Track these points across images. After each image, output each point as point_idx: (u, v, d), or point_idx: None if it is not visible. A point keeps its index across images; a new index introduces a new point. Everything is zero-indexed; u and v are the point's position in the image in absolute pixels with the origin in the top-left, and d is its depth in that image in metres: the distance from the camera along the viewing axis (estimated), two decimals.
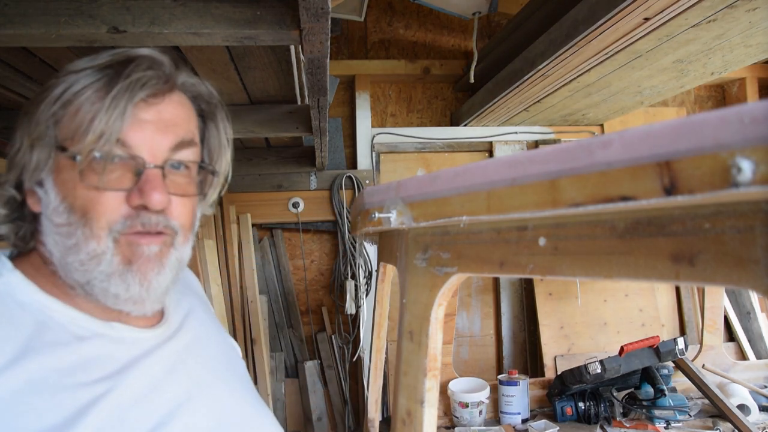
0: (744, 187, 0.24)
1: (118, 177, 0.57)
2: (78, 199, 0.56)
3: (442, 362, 0.60)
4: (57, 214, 0.57)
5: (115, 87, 0.55)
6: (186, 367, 0.66)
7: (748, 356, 2.21)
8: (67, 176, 0.56)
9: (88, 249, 0.56)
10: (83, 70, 0.57)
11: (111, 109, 0.54)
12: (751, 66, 2.37)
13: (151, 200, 0.56)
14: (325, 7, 0.72)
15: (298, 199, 2.25)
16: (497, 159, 0.44)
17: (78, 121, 0.55)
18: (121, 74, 0.56)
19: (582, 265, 0.39)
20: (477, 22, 1.96)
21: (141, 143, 0.57)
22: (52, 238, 0.58)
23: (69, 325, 0.58)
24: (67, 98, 0.56)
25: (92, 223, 0.56)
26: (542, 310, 2.14)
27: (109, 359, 0.58)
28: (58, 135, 0.56)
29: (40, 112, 0.56)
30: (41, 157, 0.57)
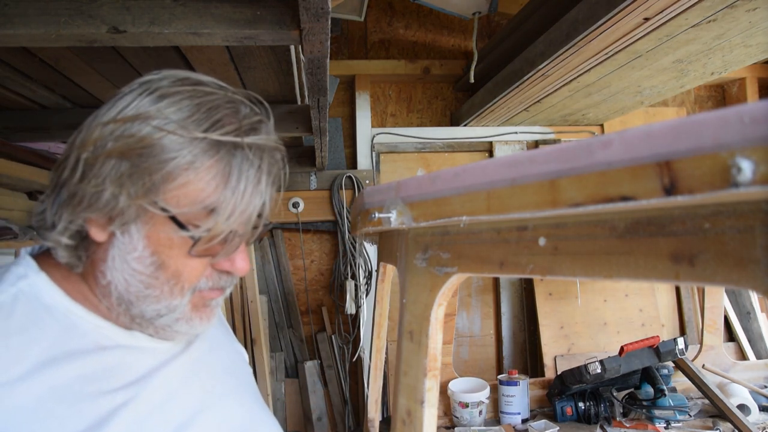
0: (744, 187, 0.24)
1: (213, 252, 0.59)
2: (172, 260, 0.57)
3: (442, 362, 0.60)
4: (140, 263, 0.57)
5: (244, 180, 0.55)
6: (199, 378, 0.67)
7: (748, 356, 2.21)
8: (163, 236, 0.56)
9: (169, 303, 0.59)
10: (194, 140, 0.54)
11: (242, 203, 0.56)
12: (751, 66, 2.37)
13: (240, 270, 0.62)
14: (325, 7, 0.72)
15: (298, 199, 2.25)
16: (497, 159, 0.44)
17: (197, 197, 0.55)
18: (251, 163, 0.56)
19: (582, 265, 0.39)
20: (477, 22, 1.96)
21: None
22: (123, 278, 0.57)
23: (92, 332, 0.59)
24: (181, 167, 0.54)
25: (181, 284, 0.59)
26: (542, 310, 2.14)
27: (129, 368, 0.59)
28: (161, 197, 0.54)
29: (141, 168, 0.53)
30: (133, 210, 0.55)
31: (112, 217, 0.55)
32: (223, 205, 0.55)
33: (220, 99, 0.57)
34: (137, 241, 0.56)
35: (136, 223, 0.56)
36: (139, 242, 0.56)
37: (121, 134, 0.54)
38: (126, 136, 0.53)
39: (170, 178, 0.54)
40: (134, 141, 0.53)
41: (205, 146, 0.54)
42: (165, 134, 0.53)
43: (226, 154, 0.55)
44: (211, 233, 0.56)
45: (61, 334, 0.56)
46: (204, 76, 0.60)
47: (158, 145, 0.53)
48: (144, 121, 0.54)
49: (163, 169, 0.53)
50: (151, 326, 0.61)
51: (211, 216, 0.55)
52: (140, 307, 0.59)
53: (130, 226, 0.56)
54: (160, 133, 0.53)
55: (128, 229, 0.56)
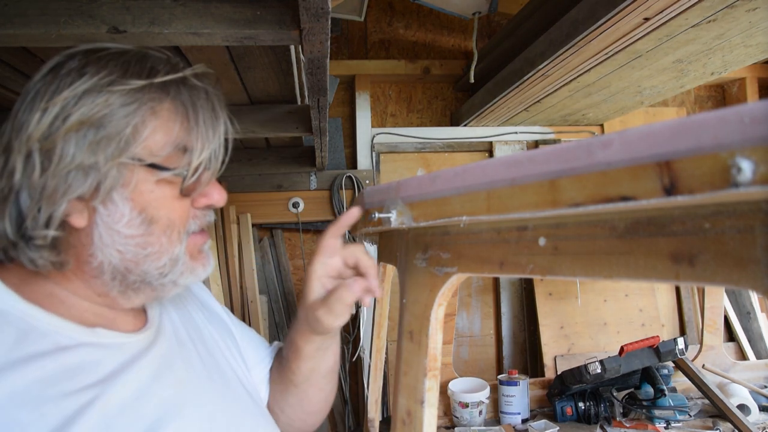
0: (744, 187, 0.24)
1: (197, 183, 0.61)
2: (162, 210, 0.59)
3: (442, 362, 0.60)
4: (131, 226, 0.57)
5: (201, 111, 0.59)
6: (173, 372, 0.65)
7: (748, 356, 2.21)
8: (146, 191, 0.57)
9: (170, 254, 0.60)
10: (141, 89, 0.56)
11: (208, 132, 0.60)
12: (751, 66, 2.37)
13: (220, 200, 0.64)
14: (325, 7, 0.72)
15: (298, 199, 2.25)
16: (497, 159, 0.44)
17: (167, 139, 0.57)
18: (198, 94, 0.60)
19: (582, 265, 0.39)
20: (477, 22, 1.96)
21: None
22: (116, 250, 0.57)
23: (52, 333, 0.56)
24: (144, 116, 0.56)
25: (176, 230, 0.60)
26: (542, 310, 2.14)
27: (93, 366, 0.57)
28: (138, 153, 0.56)
29: (107, 131, 0.54)
30: (113, 174, 0.55)
31: (96, 190, 0.55)
32: (193, 138, 0.58)
33: (136, 53, 0.60)
34: (123, 207, 0.57)
35: (117, 189, 0.56)
36: (125, 207, 0.57)
37: (71, 110, 0.54)
38: (78, 109, 0.54)
39: (138, 129, 0.56)
40: (89, 109, 0.54)
41: (155, 92, 0.57)
42: (116, 92, 0.55)
43: (176, 93, 0.58)
44: (192, 167, 0.58)
45: (18, 338, 0.54)
46: (103, 43, 0.61)
47: (115, 103, 0.55)
48: (89, 90, 0.54)
49: (130, 123, 0.55)
50: (149, 287, 0.61)
51: (186, 153, 0.58)
52: (141, 270, 0.59)
53: (112, 194, 0.56)
54: (109, 93, 0.54)
55: (111, 198, 0.56)
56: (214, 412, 0.67)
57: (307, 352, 0.78)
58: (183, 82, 0.59)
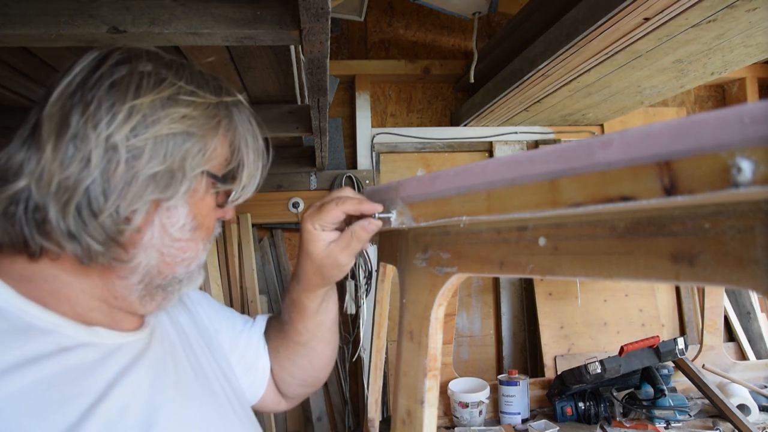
0: (744, 187, 0.24)
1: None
2: (206, 219, 0.64)
3: (442, 362, 0.60)
4: (182, 231, 0.60)
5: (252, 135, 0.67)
6: (168, 375, 0.65)
7: (748, 356, 2.21)
8: (200, 200, 0.62)
9: (199, 260, 0.65)
10: (218, 104, 0.61)
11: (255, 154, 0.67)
12: (751, 66, 2.37)
13: (231, 215, 0.71)
14: (325, 7, 0.72)
15: (298, 199, 2.25)
16: (497, 159, 0.44)
17: (224, 154, 0.63)
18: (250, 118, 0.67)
19: (582, 265, 0.39)
20: (477, 22, 1.96)
21: None
22: (159, 252, 0.60)
23: (52, 332, 0.55)
24: (220, 132, 0.61)
25: (208, 239, 0.66)
26: (542, 310, 2.14)
27: (94, 368, 0.56)
28: (209, 165, 0.61)
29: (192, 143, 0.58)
30: (188, 182, 0.58)
31: (173, 194, 0.57)
32: (243, 156, 0.64)
33: (193, 67, 0.64)
34: (182, 211, 0.60)
35: (184, 194, 0.59)
36: (183, 212, 0.60)
37: (159, 114, 0.55)
38: (166, 115, 0.56)
39: (216, 143, 0.61)
40: (178, 116, 0.56)
41: (225, 110, 0.62)
42: (200, 105, 0.58)
43: (237, 114, 0.64)
44: (243, 183, 0.65)
45: (16, 336, 0.52)
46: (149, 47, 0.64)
47: (200, 115, 0.58)
48: (173, 97, 0.57)
49: (215, 135, 0.60)
50: (162, 293, 0.63)
51: (239, 169, 0.65)
52: (172, 272, 0.62)
53: (179, 199, 0.58)
54: (195, 105, 0.58)
55: (176, 202, 0.59)
56: (210, 419, 0.67)
57: (313, 308, 0.82)
58: (237, 104, 0.65)
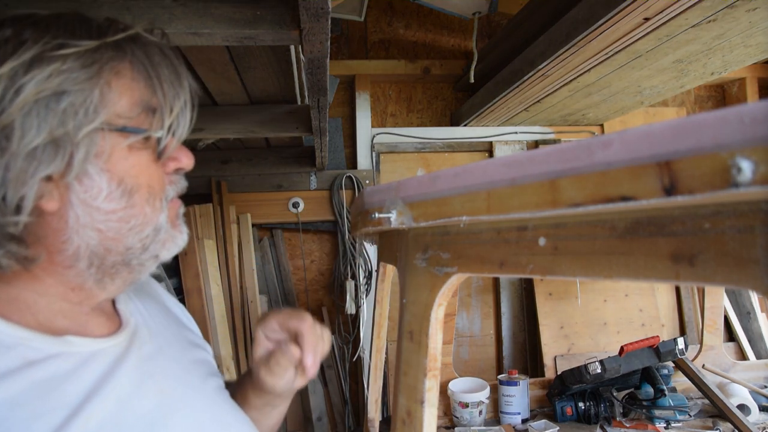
0: (744, 187, 0.24)
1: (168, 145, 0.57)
2: (141, 178, 0.54)
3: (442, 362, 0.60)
4: (111, 200, 0.52)
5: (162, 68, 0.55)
6: (154, 380, 0.60)
7: (748, 356, 2.21)
8: (121, 159, 0.53)
9: (155, 223, 0.57)
10: (98, 48, 0.51)
11: (174, 90, 0.55)
12: (751, 66, 2.37)
13: (189, 163, 0.60)
14: (325, 7, 0.72)
15: (298, 199, 2.25)
16: (497, 159, 0.44)
17: (133, 101, 0.53)
18: (154, 51, 0.55)
19: (582, 265, 0.39)
20: (477, 22, 1.96)
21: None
22: (96, 228, 0.53)
23: (17, 346, 0.50)
24: (108, 78, 0.51)
25: (158, 195, 0.57)
26: (542, 310, 2.14)
27: (66, 380, 0.51)
28: (107, 118, 0.51)
29: (70, 99, 0.49)
30: (85, 143, 0.50)
31: (68, 165, 0.50)
32: (159, 97, 0.54)
33: (75, 15, 0.54)
34: (100, 180, 0.52)
35: (91, 160, 0.51)
36: (102, 180, 0.52)
37: (22, 80, 0.47)
38: (31, 78, 0.47)
39: (104, 92, 0.51)
40: (45, 77, 0.48)
41: (111, 51, 0.52)
42: (70, 56, 0.49)
43: (132, 52, 0.53)
44: (165, 128, 0.54)
45: None
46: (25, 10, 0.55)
47: (73, 67, 0.49)
48: (37, 57, 0.48)
49: (96, 86, 0.50)
50: (127, 268, 0.57)
51: (156, 113, 0.54)
52: (124, 245, 0.55)
53: (87, 167, 0.51)
54: (63, 57, 0.49)
55: (85, 172, 0.51)
56: (202, 420, 0.64)
57: (254, 404, 0.76)
58: (135, 40, 0.54)
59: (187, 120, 0.58)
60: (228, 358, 1.99)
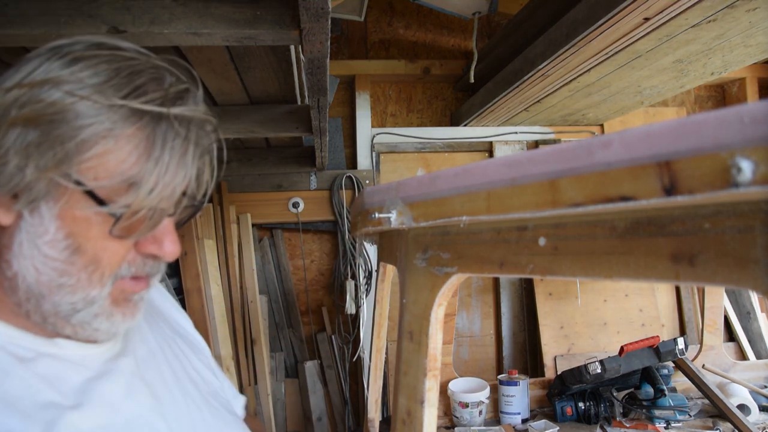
0: (744, 187, 0.24)
1: (136, 231, 0.52)
2: (90, 242, 0.51)
3: (442, 362, 0.60)
4: (53, 247, 0.50)
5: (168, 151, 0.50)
6: (147, 386, 0.59)
7: (748, 356, 2.21)
8: (79, 215, 0.50)
9: (87, 294, 0.52)
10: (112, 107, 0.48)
11: (166, 176, 0.50)
12: (751, 66, 2.37)
13: (169, 254, 0.54)
14: (325, 7, 0.72)
15: (298, 199, 2.25)
16: (497, 159, 0.44)
17: (118, 169, 0.49)
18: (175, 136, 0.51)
19: (582, 265, 0.39)
20: (477, 22, 1.96)
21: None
22: (33, 266, 0.50)
23: (7, 345, 0.51)
24: (97, 134, 0.48)
25: (101, 270, 0.52)
26: (542, 310, 2.14)
27: (57, 380, 0.52)
28: (75, 169, 0.48)
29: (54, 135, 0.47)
30: (43, 184, 0.48)
31: (17, 193, 0.48)
32: (145, 178, 0.49)
33: (142, 64, 0.51)
34: (49, 222, 0.49)
35: (47, 200, 0.49)
36: (51, 223, 0.49)
37: (27, 100, 0.47)
38: (33, 102, 0.47)
39: (85, 147, 0.48)
40: (42, 107, 0.47)
41: (126, 113, 0.49)
42: (78, 99, 0.47)
43: (149, 123, 0.49)
44: (132, 209, 0.49)
45: None
46: (124, 42, 0.53)
47: (71, 110, 0.47)
48: (55, 85, 0.47)
49: (76, 136, 0.47)
50: (68, 325, 0.53)
51: (132, 190, 0.49)
52: (53, 300, 0.51)
53: (40, 205, 0.49)
54: (72, 98, 0.47)
55: (38, 208, 0.49)
56: (196, 424, 0.63)
57: None
58: (163, 118, 0.50)
59: (179, 207, 0.54)
60: (228, 358, 1.99)
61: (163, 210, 0.52)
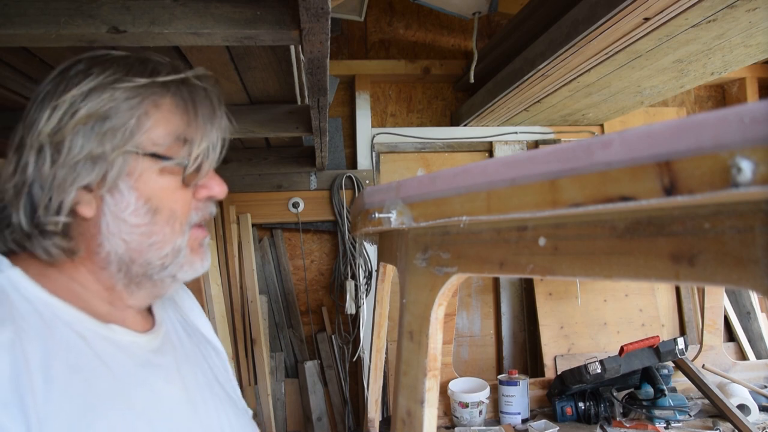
0: (744, 187, 0.24)
1: (192, 176, 0.63)
2: (165, 201, 0.61)
3: (442, 362, 0.60)
4: (137, 215, 0.60)
5: (201, 107, 0.63)
6: (181, 381, 0.66)
7: (748, 356, 2.21)
8: (151, 181, 0.60)
9: (174, 244, 0.62)
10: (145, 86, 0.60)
11: (206, 125, 0.63)
12: (751, 66, 2.37)
13: (220, 192, 0.66)
14: (325, 7, 0.72)
15: (298, 199, 2.25)
16: (497, 159, 0.44)
17: (170, 131, 0.61)
18: (197, 92, 0.63)
19: (582, 265, 0.39)
20: (477, 22, 1.96)
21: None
22: (122, 239, 0.60)
23: (74, 324, 0.58)
24: (147, 110, 0.60)
25: (179, 220, 0.63)
26: (542, 310, 2.14)
27: (111, 360, 0.59)
28: (140, 142, 0.59)
29: (113, 123, 0.58)
30: (119, 163, 0.58)
31: (102, 179, 0.58)
32: (192, 131, 0.62)
33: (139, 57, 0.63)
34: (129, 196, 0.59)
35: (123, 178, 0.59)
36: (131, 196, 0.59)
37: (79, 105, 0.57)
38: (86, 104, 0.57)
39: (141, 120, 0.59)
40: (96, 104, 0.57)
41: (156, 88, 0.60)
42: (120, 89, 0.58)
43: (176, 90, 0.62)
44: (192, 158, 0.61)
45: (45, 326, 0.55)
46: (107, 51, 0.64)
47: (120, 98, 0.58)
48: (95, 88, 0.58)
49: (133, 115, 0.58)
50: (150, 282, 0.63)
51: (186, 144, 0.61)
52: (145, 259, 0.61)
53: (119, 183, 0.59)
54: (114, 89, 0.58)
55: (117, 187, 0.59)
56: (222, 419, 0.69)
57: None
58: (183, 82, 0.63)
59: (216, 153, 0.65)
60: (228, 358, 1.99)
61: (213, 155, 0.64)
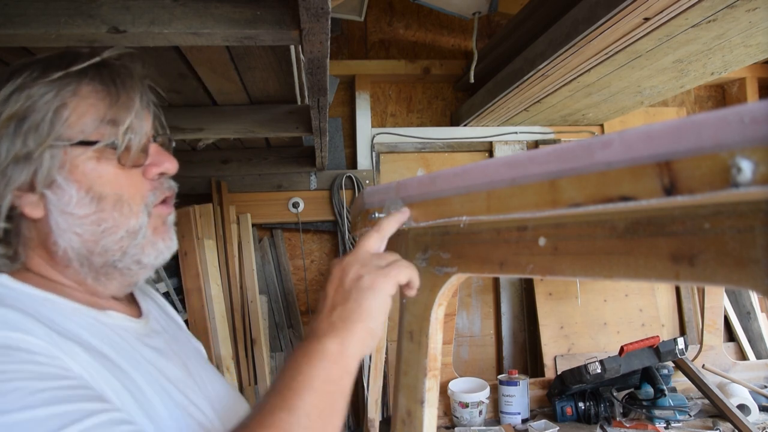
0: (744, 187, 0.24)
1: (137, 156, 0.62)
2: (107, 186, 0.60)
3: (442, 362, 0.60)
4: (82, 206, 0.59)
5: (122, 86, 0.62)
6: (176, 354, 0.69)
7: (748, 356, 2.21)
8: (87, 169, 0.59)
9: (127, 227, 0.62)
10: (60, 78, 0.59)
11: (131, 102, 0.61)
12: (751, 66, 2.36)
13: (172, 167, 0.65)
14: (325, 7, 0.72)
15: (298, 199, 2.25)
16: (497, 159, 0.44)
17: (94, 116, 0.60)
18: (118, 71, 0.62)
19: (582, 265, 0.39)
20: (477, 22, 1.96)
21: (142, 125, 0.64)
22: (75, 233, 0.60)
23: (75, 313, 0.60)
24: (64, 101, 0.59)
25: (128, 203, 0.62)
26: (542, 310, 2.14)
27: (120, 342, 0.61)
28: (65, 134, 0.58)
29: (32, 120, 0.57)
30: (47, 157, 0.58)
31: (35, 177, 0.58)
32: (117, 110, 0.61)
33: (60, 53, 0.63)
34: (69, 188, 0.59)
35: (58, 172, 0.58)
36: (71, 188, 0.59)
37: (1, 110, 0.57)
38: (5, 108, 0.57)
39: (60, 113, 0.58)
40: (14, 106, 0.57)
41: (73, 77, 0.60)
42: (36, 85, 0.58)
43: (95, 75, 0.61)
44: (120, 136, 0.60)
45: (53, 319, 0.56)
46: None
47: (36, 94, 0.58)
48: (15, 90, 0.58)
49: (50, 109, 0.58)
50: (116, 271, 0.63)
51: (115, 125, 0.60)
52: (102, 247, 0.61)
53: (56, 178, 0.58)
54: (32, 88, 0.58)
55: (56, 182, 0.59)
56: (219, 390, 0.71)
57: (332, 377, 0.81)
58: (102, 65, 0.62)
59: (146, 127, 0.64)
60: (228, 358, 1.99)
61: (145, 131, 0.63)
